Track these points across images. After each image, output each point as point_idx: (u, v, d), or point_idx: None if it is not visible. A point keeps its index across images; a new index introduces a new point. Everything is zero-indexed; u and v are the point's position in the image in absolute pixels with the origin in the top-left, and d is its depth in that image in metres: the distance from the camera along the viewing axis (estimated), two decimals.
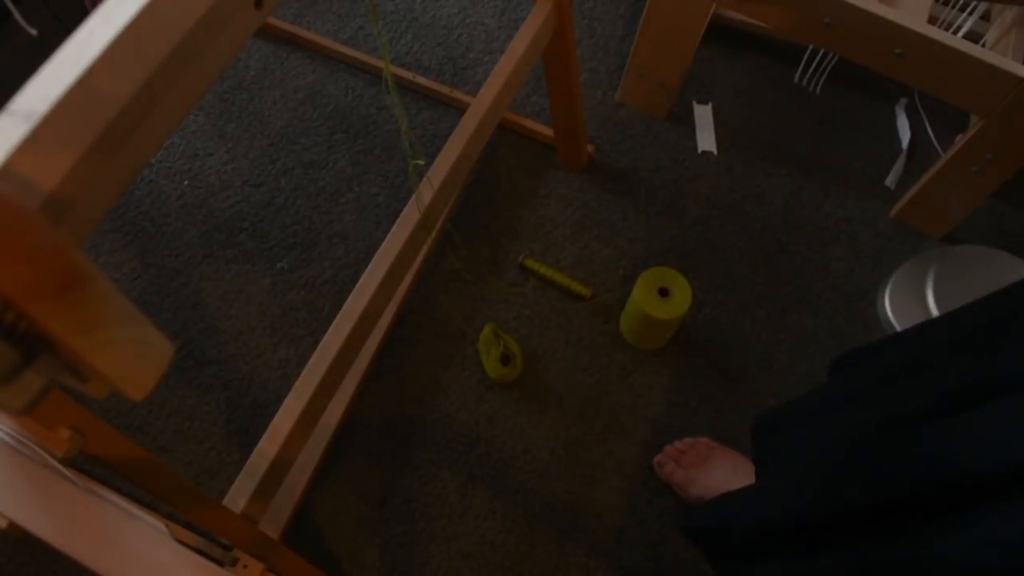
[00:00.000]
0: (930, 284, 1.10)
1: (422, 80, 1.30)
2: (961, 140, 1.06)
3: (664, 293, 1.02)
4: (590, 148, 1.24)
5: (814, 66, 1.33)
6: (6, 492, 0.57)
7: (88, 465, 0.74)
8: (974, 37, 1.15)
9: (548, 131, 1.25)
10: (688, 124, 1.31)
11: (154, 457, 0.52)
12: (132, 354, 0.32)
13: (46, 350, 0.29)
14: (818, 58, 1.32)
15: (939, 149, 1.31)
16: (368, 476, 1.00)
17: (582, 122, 1.15)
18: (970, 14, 1.19)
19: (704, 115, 1.32)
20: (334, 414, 1.00)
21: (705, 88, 1.35)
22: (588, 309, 1.13)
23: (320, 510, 0.97)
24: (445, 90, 1.29)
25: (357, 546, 0.95)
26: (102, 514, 0.58)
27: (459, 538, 0.96)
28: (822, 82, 1.35)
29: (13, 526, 0.57)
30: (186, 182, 1.20)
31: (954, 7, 1.22)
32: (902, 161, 1.29)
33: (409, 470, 1.00)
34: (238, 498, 0.67)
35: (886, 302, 1.13)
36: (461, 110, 1.29)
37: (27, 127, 0.30)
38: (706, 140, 1.29)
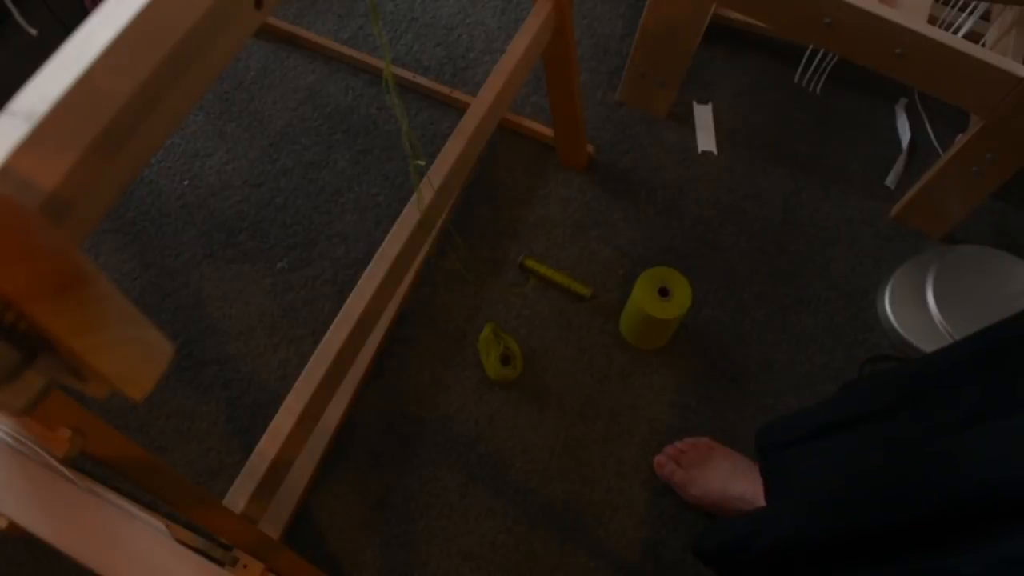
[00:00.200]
0: (930, 284, 1.10)
1: (422, 80, 1.30)
2: (961, 140, 1.06)
3: (664, 293, 1.02)
4: (590, 148, 1.24)
5: (814, 66, 1.33)
6: (6, 492, 0.57)
7: (88, 465, 0.74)
8: (974, 37, 1.15)
9: (548, 131, 1.25)
10: (688, 124, 1.31)
11: (154, 457, 0.52)
12: (132, 354, 0.32)
13: (46, 350, 0.29)
14: (818, 58, 1.32)
15: (939, 149, 1.31)
16: (368, 476, 1.00)
17: (582, 122, 1.15)
18: (970, 14, 1.19)
19: (704, 115, 1.32)
20: (334, 414, 1.00)
21: (705, 88, 1.35)
22: (588, 309, 1.13)
23: (320, 510, 0.97)
24: (445, 90, 1.29)
25: (357, 546, 0.95)
26: (102, 514, 0.58)
27: (459, 538, 0.96)
28: (822, 82, 1.35)
29: (13, 526, 0.57)
30: (186, 182, 1.20)
31: (954, 7, 1.22)
32: (902, 161, 1.29)
33: (409, 470, 1.00)
34: (238, 498, 0.67)
35: (886, 302, 1.13)
36: (461, 110, 1.29)
37: (27, 127, 0.30)
38: (706, 140, 1.29)
